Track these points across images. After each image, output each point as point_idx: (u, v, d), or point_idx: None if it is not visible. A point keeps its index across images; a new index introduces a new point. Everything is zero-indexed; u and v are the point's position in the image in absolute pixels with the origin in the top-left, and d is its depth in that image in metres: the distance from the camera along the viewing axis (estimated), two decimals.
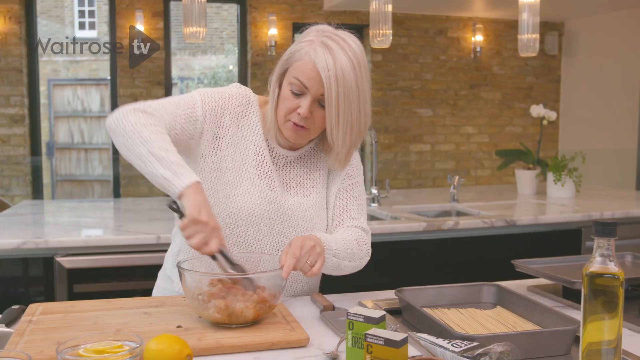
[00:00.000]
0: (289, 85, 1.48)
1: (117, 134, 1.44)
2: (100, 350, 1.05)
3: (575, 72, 6.87)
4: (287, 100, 1.48)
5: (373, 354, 1.05)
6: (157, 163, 1.36)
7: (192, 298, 1.34)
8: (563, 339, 1.26)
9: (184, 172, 1.36)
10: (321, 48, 1.43)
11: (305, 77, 1.44)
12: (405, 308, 1.49)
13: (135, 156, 1.40)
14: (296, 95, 1.47)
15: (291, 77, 1.47)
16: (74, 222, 3.06)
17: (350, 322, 1.16)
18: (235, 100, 1.58)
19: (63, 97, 10.63)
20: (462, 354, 1.10)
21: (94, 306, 1.49)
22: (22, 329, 1.31)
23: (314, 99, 1.46)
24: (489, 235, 3.02)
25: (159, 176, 1.36)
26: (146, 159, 1.37)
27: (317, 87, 1.44)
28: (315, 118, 1.48)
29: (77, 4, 12.08)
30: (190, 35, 3.17)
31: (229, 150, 1.55)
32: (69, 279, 2.51)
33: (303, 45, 1.46)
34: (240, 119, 1.58)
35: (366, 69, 1.49)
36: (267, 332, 1.31)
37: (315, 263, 1.42)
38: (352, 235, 1.59)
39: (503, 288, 1.58)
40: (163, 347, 1.06)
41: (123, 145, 1.43)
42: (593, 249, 1.05)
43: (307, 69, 1.44)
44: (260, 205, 1.54)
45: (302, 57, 1.45)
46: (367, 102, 1.49)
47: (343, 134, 1.48)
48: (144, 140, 1.39)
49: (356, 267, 1.60)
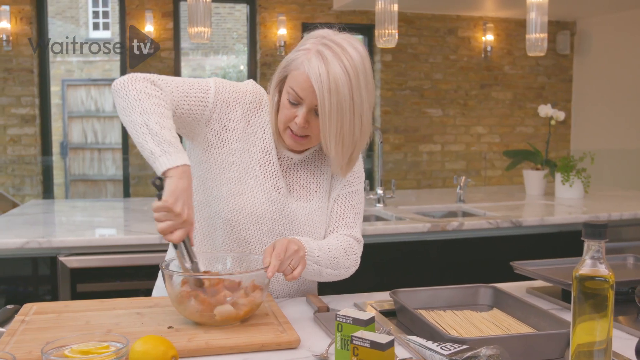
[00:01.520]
0: (286, 94, 1.47)
1: (120, 97, 1.39)
2: (86, 351, 1.05)
3: (588, 72, 6.81)
4: (285, 109, 1.48)
5: (359, 356, 1.04)
6: (149, 136, 1.31)
7: (173, 299, 1.34)
8: (557, 342, 1.24)
9: (174, 151, 1.31)
10: (316, 58, 1.40)
11: (299, 88, 1.43)
12: (399, 310, 1.47)
13: (130, 123, 1.35)
14: (293, 105, 1.46)
15: (288, 87, 1.46)
16: (79, 222, 3.08)
17: (339, 324, 1.15)
18: (249, 96, 1.56)
19: (77, 97, 10.71)
20: (450, 357, 1.09)
21: (87, 306, 1.49)
22: (14, 329, 1.31)
23: (309, 109, 1.44)
24: (494, 237, 2.99)
25: (148, 150, 1.31)
26: (139, 130, 1.33)
27: (311, 97, 1.42)
28: (312, 127, 1.47)
29: (91, 5, 12.16)
30: (195, 36, 3.17)
31: (237, 145, 1.53)
32: (72, 278, 2.52)
33: (300, 54, 1.44)
34: (251, 116, 1.56)
35: (366, 77, 1.43)
36: (258, 333, 1.30)
37: (296, 267, 1.41)
38: (341, 243, 1.57)
39: (500, 290, 1.56)
40: (148, 347, 1.05)
41: (122, 109, 1.38)
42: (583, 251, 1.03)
43: (301, 80, 1.42)
44: (264, 205, 1.53)
45: (298, 67, 1.43)
46: (364, 112, 1.45)
47: (336, 145, 1.45)
48: (143, 110, 1.35)
49: (340, 275, 1.58)
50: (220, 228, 1.54)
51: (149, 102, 1.36)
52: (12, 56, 5.66)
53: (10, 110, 5.73)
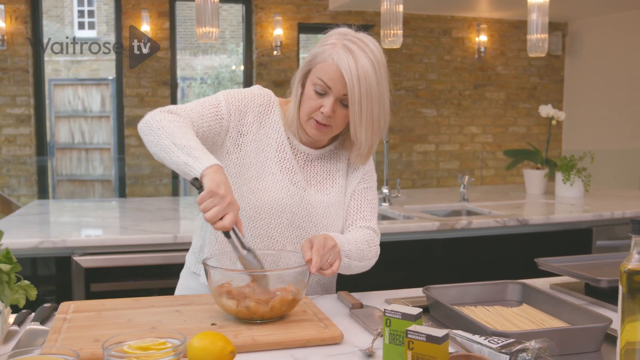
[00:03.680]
0: (312, 85, 1.54)
1: (146, 133, 1.50)
2: (144, 347, 1.06)
3: (579, 73, 6.89)
4: (311, 100, 1.55)
5: (414, 350, 1.07)
6: (178, 152, 1.41)
7: (216, 294, 1.36)
8: (594, 336, 1.27)
9: (204, 156, 1.40)
10: (343, 51, 1.50)
11: (328, 78, 1.51)
12: (433, 305, 1.50)
13: (161, 149, 1.45)
14: (319, 95, 1.53)
15: (314, 78, 1.53)
16: (87, 221, 3.07)
17: (387, 319, 1.18)
18: (258, 99, 1.65)
19: (64, 97, 10.63)
20: (499, 350, 1.12)
21: (124, 304, 1.50)
22: (58, 326, 1.32)
23: (336, 98, 1.52)
24: (500, 235, 3.03)
25: (182, 163, 1.40)
26: (169, 149, 1.42)
27: (340, 87, 1.50)
28: (337, 116, 1.54)
29: (76, 4, 12.07)
30: (202, 36, 3.18)
31: (252, 146, 1.61)
32: (86, 278, 2.52)
33: (326, 48, 1.53)
34: (262, 117, 1.64)
35: (385, 70, 1.55)
36: (301, 329, 1.32)
37: (334, 262, 1.47)
38: (363, 236, 1.63)
39: (528, 286, 1.60)
40: (206, 343, 1.07)
41: (151, 143, 1.48)
42: (630, 246, 1.06)
43: (330, 70, 1.50)
44: (283, 198, 1.59)
45: (326, 59, 1.52)
46: (387, 101, 1.57)
47: (366, 132, 1.55)
48: (168, 134, 1.44)
49: (365, 267, 1.64)
50: (244, 225, 1.59)
51: (172, 126, 1.46)
52: (7, 55, 5.62)
53: (6, 110, 5.69)
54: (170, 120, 1.48)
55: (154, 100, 5.82)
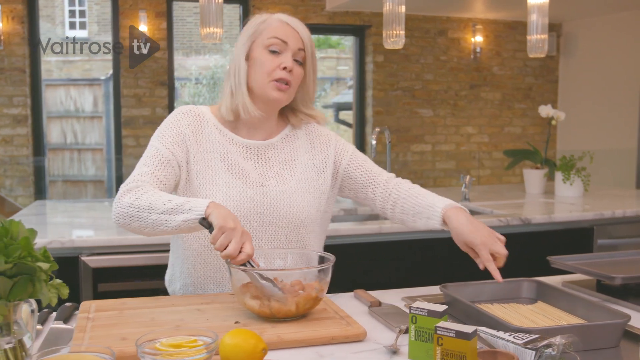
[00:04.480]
0: (264, 48, 1.60)
1: (129, 222, 1.49)
2: (176, 345, 1.07)
3: (573, 73, 6.94)
4: (267, 62, 1.60)
5: (444, 346, 1.08)
6: (171, 216, 1.42)
7: (239, 292, 1.38)
8: (614, 332, 1.29)
9: (193, 201, 1.43)
10: (283, 15, 1.64)
11: (283, 34, 1.60)
12: (450, 303, 1.52)
13: (154, 227, 1.45)
14: (275, 54, 1.60)
15: (266, 40, 1.60)
16: (92, 222, 3.07)
17: (413, 316, 1.19)
18: (185, 120, 1.65)
19: (56, 97, 10.58)
20: (525, 345, 1.13)
21: (144, 303, 1.51)
22: (83, 325, 1.33)
23: (293, 52, 1.61)
24: (503, 234, 3.04)
25: (180, 221, 1.42)
26: (162, 221, 1.44)
27: (295, 41, 1.61)
28: (294, 74, 1.61)
29: (67, 4, 12.00)
30: (207, 36, 3.19)
31: (199, 167, 1.61)
32: (93, 278, 2.52)
33: (264, 18, 1.64)
34: (197, 134, 1.64)
35: None
36: (324, 326, 1.34)
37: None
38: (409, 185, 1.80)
39: (543, 283, 1.62)
40: (238, 341, 1.08)
41: (140, 228, 1.48)
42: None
43: (283, 28, 1.61)
44: (244, 204, 1.59)
45: (271, 24, 1.62)
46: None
47: (314, 82, 1.69)
48: (149, 209, 1.45)
49: None
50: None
51: (145, 200, 1.46)
52: (4, 56, 5.59)
53: (2, 111, 5.67)
54: (138, 197, 1.47)
55: (152, 100, 5.81)
